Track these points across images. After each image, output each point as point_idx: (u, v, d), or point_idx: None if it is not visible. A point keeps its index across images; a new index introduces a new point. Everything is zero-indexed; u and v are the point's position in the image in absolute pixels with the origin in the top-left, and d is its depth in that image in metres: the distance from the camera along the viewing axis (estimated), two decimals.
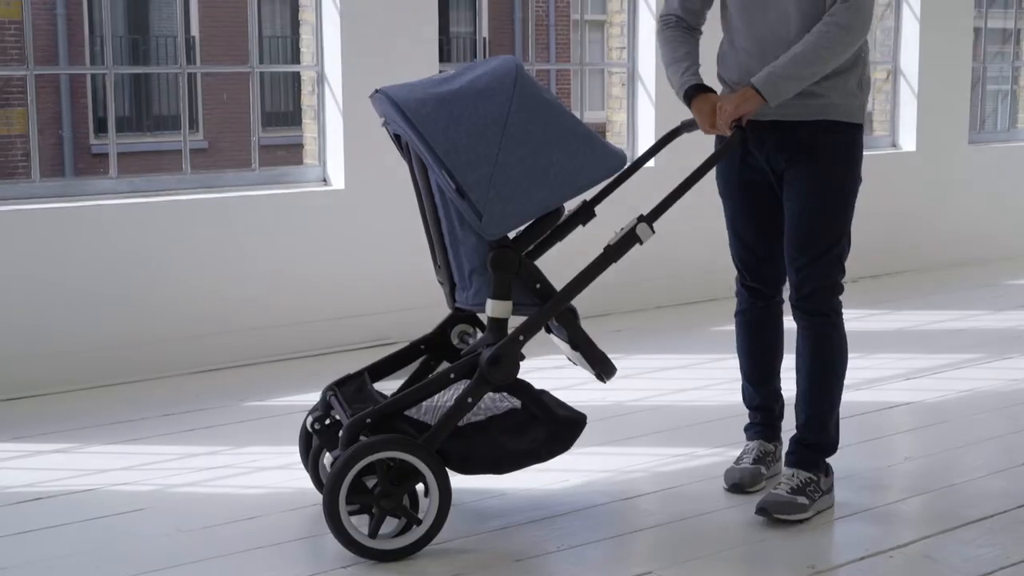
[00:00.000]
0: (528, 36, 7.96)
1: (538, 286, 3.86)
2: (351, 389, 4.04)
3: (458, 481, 4.32)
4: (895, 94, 8.49)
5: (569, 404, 4.05)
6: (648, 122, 7.22)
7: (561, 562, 3.80)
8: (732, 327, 6.48)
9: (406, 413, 3.83)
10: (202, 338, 5.87)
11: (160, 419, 5.12)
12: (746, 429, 4.48)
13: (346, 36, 6.16)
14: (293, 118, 15.08)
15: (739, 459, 4.39)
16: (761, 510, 4.03)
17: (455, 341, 4.20)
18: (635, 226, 3.98)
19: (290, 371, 5.86)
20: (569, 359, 4.34)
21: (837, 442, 4.24)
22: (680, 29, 4.32)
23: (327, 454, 3.80)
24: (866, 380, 5.66)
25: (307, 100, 6.50)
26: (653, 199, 4.09)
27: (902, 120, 8.47)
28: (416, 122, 3.67)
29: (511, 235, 3.81)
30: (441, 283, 4.15)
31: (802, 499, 4.03)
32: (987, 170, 8.92)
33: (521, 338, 3.81)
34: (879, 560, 3.79)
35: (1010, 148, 9.25)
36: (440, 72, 4.98)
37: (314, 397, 5.35)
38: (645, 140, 7.24)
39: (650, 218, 4.01)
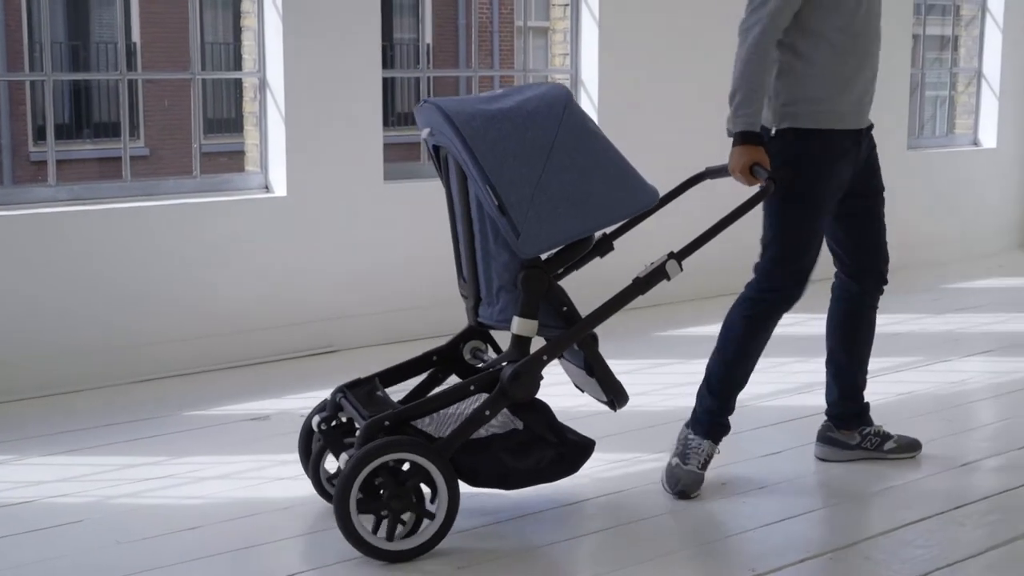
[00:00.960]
0: (472, 42, 7.95)
1: (564, 309, 3.98)
2: (363, 392, 4.09)
3: None
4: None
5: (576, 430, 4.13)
6: None
7: (505, 569, 3.80)
8: (674, 332, 6.52)
9: (413, 423, 3.88)
10: (142, 347, 5.83)
11: (99, 429, 5.08)
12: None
13: (288, 43, 6.14)
14: (235, 125, 14.99)
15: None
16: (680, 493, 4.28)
17: (467, 356, 4.28)
18: (665, 262, 4.10)
19: (231, 380, 5.83)
20: (577, 386, 4.39)
21: (720, 409, 4.49)
22: (772, 56, 4.24)
23: (343, 454, 3.81)
24: (806, 384, 5.69)
25: (249, 107, 6.47)
26: None
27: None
28: (466, 135, 3.76)
29: (543, 257, 3.91)
30: (464, 297, 4.20)
31: (686, 467, 4.34)
32: (926, 175, 9.01)
33: (545, 357, 3.92)
34: (818, 562, 3.83)
35: (948, 153, 9.35)
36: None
37: (257, 405, 5.37)
38: None
39: (680, 255, 4.12)
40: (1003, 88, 9.39)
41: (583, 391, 4.39)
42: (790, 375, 5.89)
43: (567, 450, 4.04)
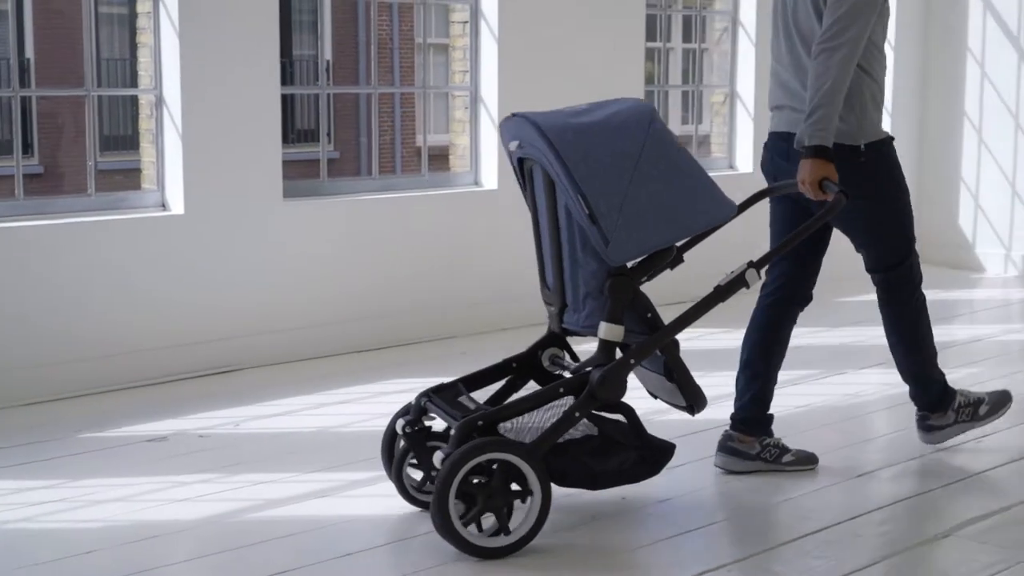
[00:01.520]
0: (371, 59, 7.95)
1: (649, 315, 4.11)
2: (448, 396, 4.20)
3: (294, 512, 4.31)
4: (731, 117, 8.66)
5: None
6: (491, 145, 7.26)
7: None
8: (580, 348, 6.54)
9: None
10: (37, 368, 5.72)
11: None
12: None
13: (185, 59, 6.08)
14: (131, 142, 14.80)
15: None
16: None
17: (545, 363, 4.39)
18: (744, 271, 4.22)
19: (129, 400, 5.75)
20: (651, 393, 4.47)
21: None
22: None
23: (438, 453, 3.89)
24: (716, 396, 5.72)
25: (145, 124, 6.39)
26: None
27: (739, 142, 8.65)
28: (558, 147, 3.90)
29: (628, 265, 4.05)
30: (548, 304, 4.34)
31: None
32: None
33: (632, 362, 4.06)
34: (719, 574, 3.85)
35: None
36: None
37: (156, 426, 5.30)
38: (488, 163, 7.28)
39: (759, 264, 4.25)
40: (894, 106, 9.56)
41: (656, 397, 4.50)
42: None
43: (649, 452, 4.19)
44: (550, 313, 4.33)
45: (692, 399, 4.25)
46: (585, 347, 4.32)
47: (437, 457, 3.88)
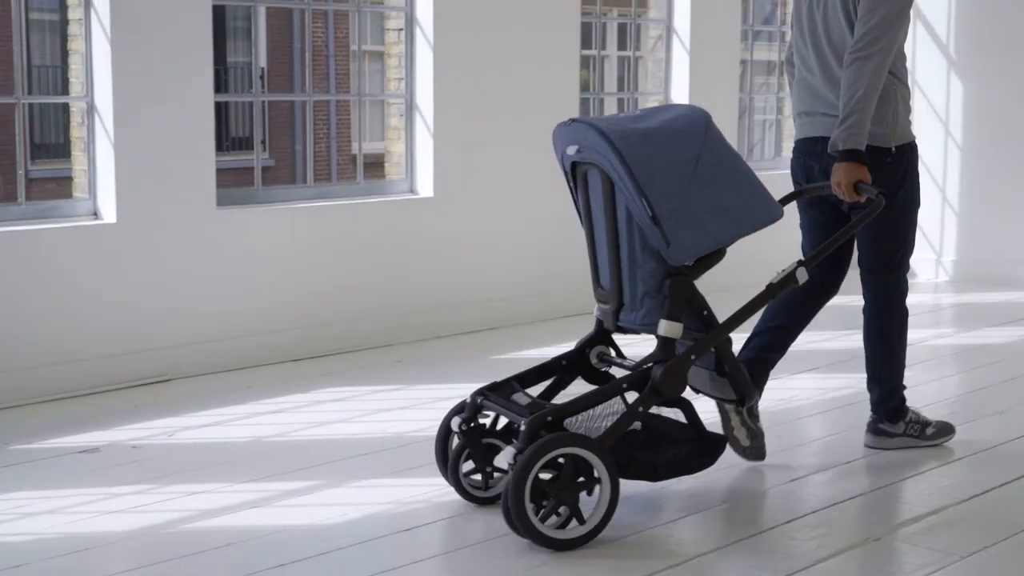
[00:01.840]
0: (306, 66, 7.91)
1: (705, 313, 4.29)
2: (504, 393, 4.32)
3: (229, 522, 4.28)
4: None
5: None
6: (426, 153, 7.25)
7: None
8: (511, 355, 6.58)
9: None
10: None
11: None
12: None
13: (117, 66, 6.02)
14: (63, 150, 14.64)
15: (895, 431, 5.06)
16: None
17: (593, 361, 4.55)
18: (795, 269, 4.44)
19: (59, 412, 5.68)
20: (693, 388, 4.54)
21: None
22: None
23: (508, 449, 4.02)
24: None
25: (76, 132, 6.33)
26: None
27: None
28: (622, 151, 4.04)
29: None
30: (602, 303, 4.45)
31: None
32: None
33: (693, 357, 4.21)
34: None
35: (777, 175, 9.56)
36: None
37: (87, 437, 5.25)
38: (423, 171, 7.27)
39: (807, 263, 4.47)
40: None
41: (699, 392, 4.60)
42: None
43: (703, 444, 4.37)
44: (604, 312, 4.45)
45: (743, 391, 4.42)
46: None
47: (508, 453, 3.99)
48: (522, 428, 4.04)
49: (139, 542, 4.15)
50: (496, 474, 4.39)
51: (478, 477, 4.43)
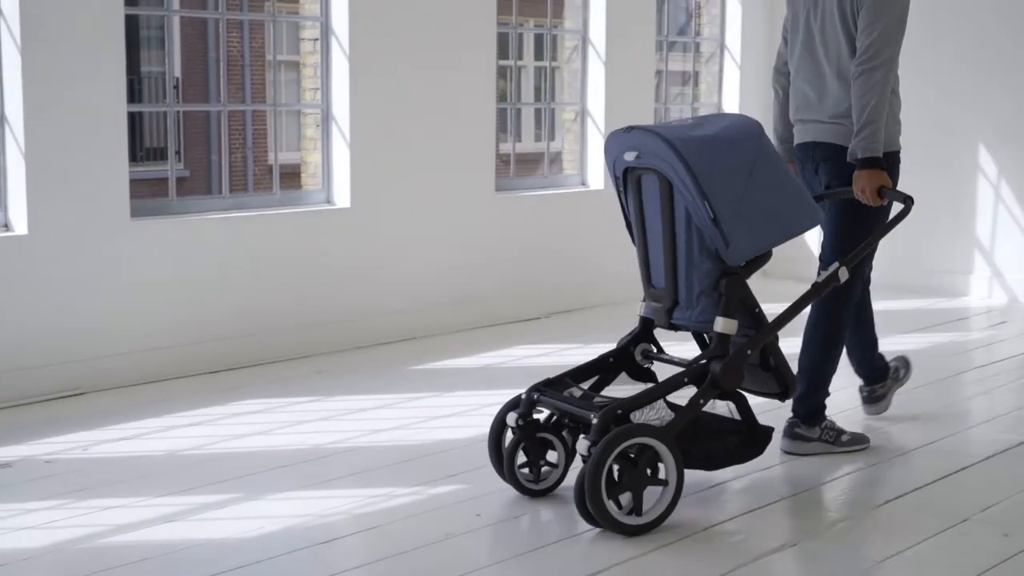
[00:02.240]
0: (221, 76, 7.85)
1: (756, 311, 4.52)
2: (559, 389, 4.58)
3: (145, 537, 4.24)
4: (583, 134, 8.76)
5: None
6: (343, 163, 7.23)
7: None
8: (430, 366, 6.58)
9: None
10: None
11: None
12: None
13: (28, 76, 5.94)
14: None
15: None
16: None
17: (638, 357, 4.78)
18: (837, 269, 4.73)
19: None
20: None
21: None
22: None
23: (582, 439, 4.22)
24: None
25: None
26: None
27: (590, 159, 8.75)
28: (686, 156, 4.28)
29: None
30: (654, 302, 4.69)
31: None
32: None
33: (749, 352, 4.45)
34: None
35: None
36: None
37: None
38: (340, 181, 7.24)
39: (848, 262, 4.75)
40: None
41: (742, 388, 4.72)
42: None
43: (754, 435, 4.60)
44: (655, 310, 4.69)
45: (788, 384, 4.64)
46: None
47: (582, 444, 4.20)
48: (594, 421, 4.23)
49: (53, 558, 4.09)
50: (545, 468, 4.63)
51: (526, 471, 4.63)
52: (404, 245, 7.54)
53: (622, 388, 4.67)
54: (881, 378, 5.59)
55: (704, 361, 4.47)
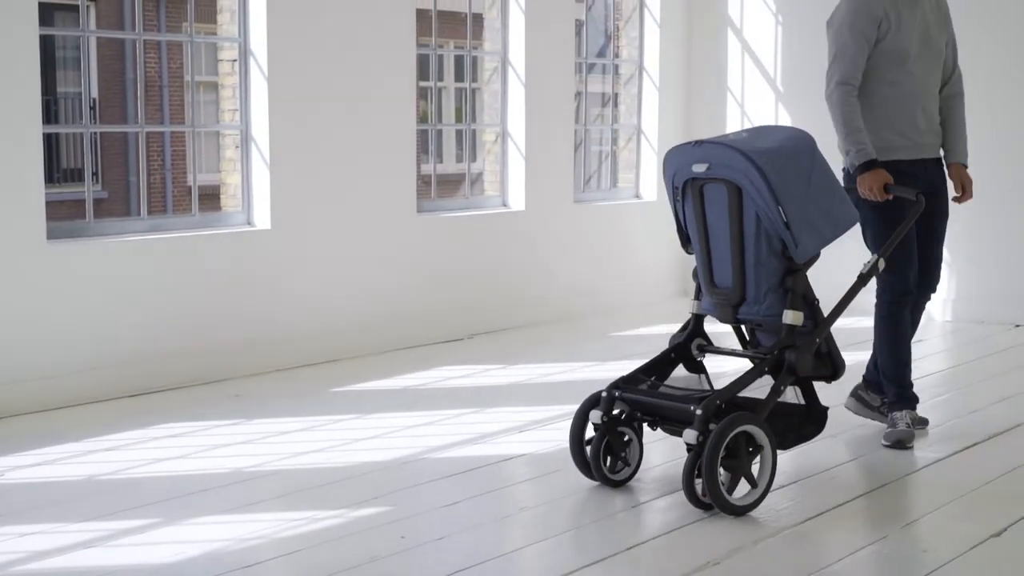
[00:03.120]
0: (139, 97, 7.78)
1: (815, 303, 4.95)
2: (636, 384, 5.03)
3: (62, 563, 4.18)
4: (504, 155, 8.78)
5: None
6: (263, 184, 7.19)
7: None
8: (351, 388, 6.55)
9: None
10: None
11: None
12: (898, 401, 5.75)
13: None
14: None
15: (895, 423, 5.65)
16: (897, 443, 5.55)
17: (694, 351, 5.20)
18: (877, 260, 5.23)
19: None
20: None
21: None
22: (856, 97, 5.55)
23: (688, 431, 4.64)
24: (482, 434, 5.80)
25: None
26: None
27: (511, 180, 8.78)
28: (762, 166, 4.71)
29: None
30: (720, 300, 5.02)
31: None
32: (592, 228, 9.35)
33: (817, 340, 4.90)
34: None
35: (612, 206, 9.73)
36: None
37: None
38: (260, 202, 7.20)
39: (883, 253, 5.28)
40: (661, 144, 9.85)
41: None
42: (466, 426, 5.98)
43: (813, 413, 5.05)
44: (718, 307, 5.05)
45: (836, 366, 5.04)
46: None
47: (689, 434, 4.61)
48: (697, 413, 4.63)
49: None
50: (622, 460, 5.00)
51: (608, 464, 4.99)
52: (325, 266, 7.51)
53: (684, 378, 5.17)
54: (877, 390, 5.90)
55: (777, 351, 4.86)
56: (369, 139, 7.67)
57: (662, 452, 5.35)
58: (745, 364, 5.14)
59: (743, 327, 5.22)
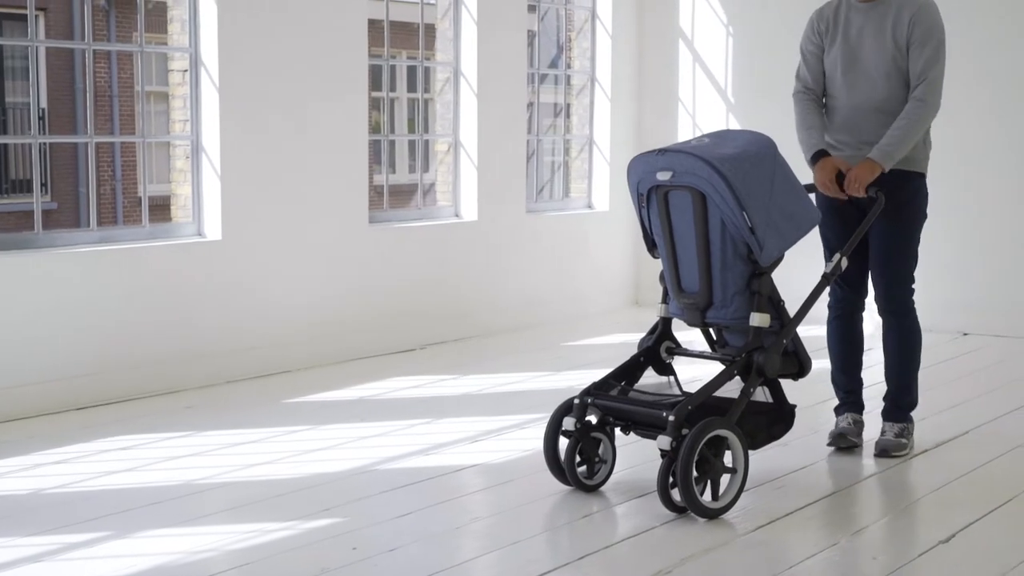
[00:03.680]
0: (88, 107, 7.74)
1: (781, 304, 5.05)
2: (607, 390, 5.09)
3: None
4: (456, 166, 8.79)
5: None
6: (214, 195, 7.16)
7: None
8: (304, 399, 6.53)
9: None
10: None
11: None
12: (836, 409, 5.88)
13: None
14: None
15: (838, 424, 5.78)
16: (882, 452, 5.59)
17: (662, 354, 5.27)
18: (840, 259, 5.27)
19: None
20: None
21: (917, 400, 5.76)
22: (811, 99, 5.67)
23: (661, 436, 4.70)
24: (434, 445, 5.79)
25: None
26: None
27: (463, 190, 8.78)
28: (726, 174, 4.76)
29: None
30: (687, 305, 5.08)
31: (903, 440, 5.65)
32: (545, 238, 9.36)
33: (784, 342, 5.02)
34: None
35: (565, 216, 9.74)
36: None
37: None
38: (211, 213, 7.17)
39: (845, 252, 5.31)
40: (613, 154, 9.88)
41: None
42: (417, 436, 5.98)
43: (782, 413, 5.14)
44: (686, 311, 5.10)
45: (802, 363, 5.16)
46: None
47: (663, 440, 4.68)
48: (670, 419, 4.70)
49: None
50: (597, 464, 5.09)
51: (583, 469, 5.08)
52: (277, 277, 7.48)
53: (654, 383, 5.23)
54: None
55: (746, 354, 4.94)
56: (321, 149, 7.65)
57: (626, 456, 5.34)
58: (713, 364, 5.24)
59: (711, 329, 5.29)
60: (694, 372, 5.71)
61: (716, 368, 5.10)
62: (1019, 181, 8.69)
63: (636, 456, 5.44)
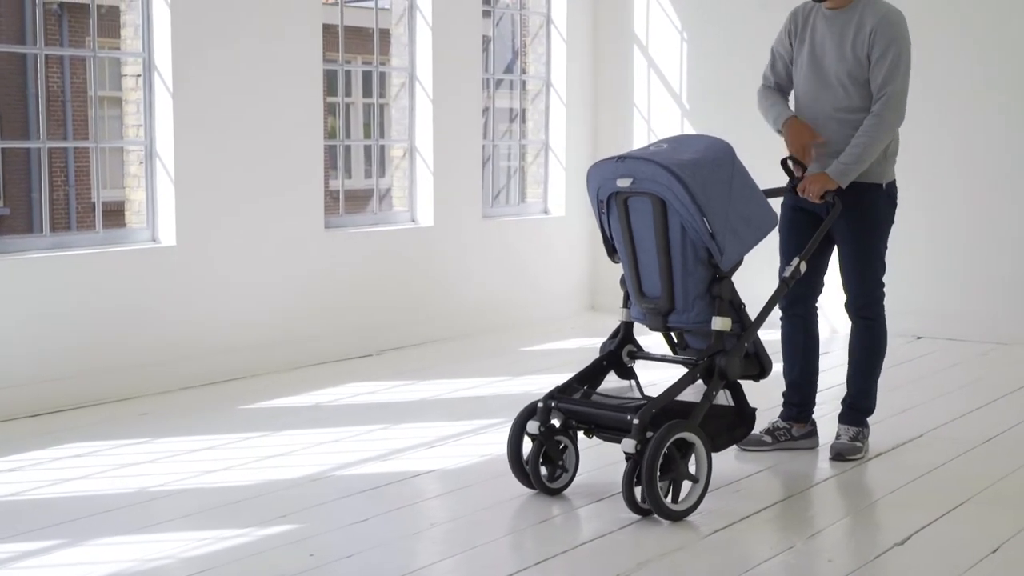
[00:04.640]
0: (41, 112, 7.68)
1: (742, 308, 5.08)
2: (571, 394, 5.13)
3: None
4: (412, 171, 8.77)
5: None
6: (168, 200, 7.12)
7: None
8: (259, 405, 6.50)
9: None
10: None
11: None
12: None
13: None
14: None
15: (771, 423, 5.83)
16: (837, 455, 5.62)
17: (625, 358, 5.31)
18: (799, 263, 5.34)
19: None
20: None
21: (875, 405, 5.78)
22: (774, 90, 5.78)
23: (627, 440, 4.72)
24: (391, 450, 5.78)
25: None
26: None
27: (419, 196, 8.76)
28: (685, 180, 4.79)
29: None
30: (649, 309, 5.12)
31: (858, 444, 5.68)
32: (501, 243, 9.36)
33: (746, 345, 5.05)
34: None
35: (520, 221, 9.74)
36: None
37: None
38: (165, 219, 7.12)
39: (804, 256, 5.38)
40: (568, 159, 9.90)
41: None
42: (374, 442, 5.96)
43: (742, 416, 5.20)
44: (648, 315, 5.13)
45: (763, 365, 5.19)
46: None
47: (628, 443, 4.70)
48: (634, 423, 4.73)
49: None
50: (559, 468, 5.11)
51: (546, 472, 5.10)
52: (232, 283, 7.44)
53: (615, 387, 5.26)
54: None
55: (708, 357, 5.00)
56: (276, 155, 7.62)
57: (587, 460, 5.33)
58: (673, 368, 5.26)
59: (686, 334, 5.30)
60: (654, 376, 5.72)
61: (676, 372, 5.12)
62: (970, 186, 8.76)
63: (597, 460, 5.44)
